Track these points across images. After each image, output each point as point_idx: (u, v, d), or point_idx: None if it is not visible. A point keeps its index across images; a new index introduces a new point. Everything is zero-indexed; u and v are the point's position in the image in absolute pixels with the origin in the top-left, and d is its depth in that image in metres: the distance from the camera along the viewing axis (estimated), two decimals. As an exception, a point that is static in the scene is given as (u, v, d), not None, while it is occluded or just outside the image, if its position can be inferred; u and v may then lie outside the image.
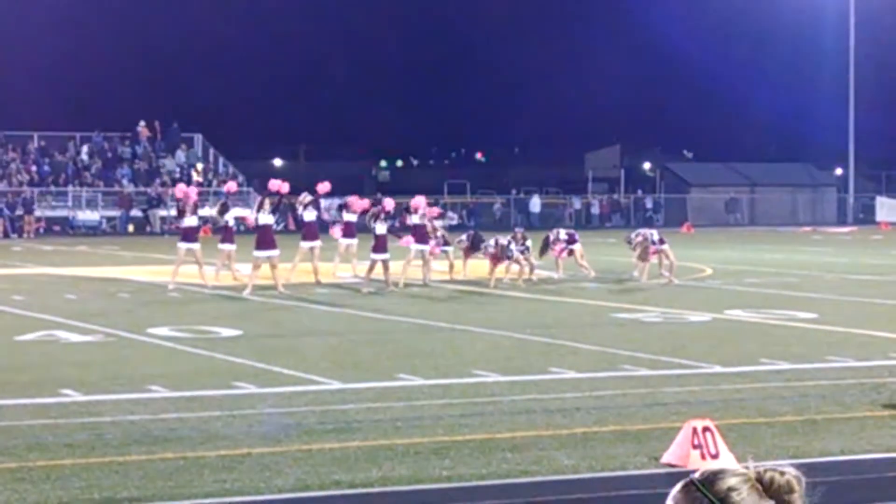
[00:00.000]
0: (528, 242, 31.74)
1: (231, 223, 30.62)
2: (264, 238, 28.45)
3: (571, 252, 32.96)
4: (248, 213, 30.04)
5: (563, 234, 33.56)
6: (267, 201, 29.16)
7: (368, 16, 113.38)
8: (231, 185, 33.93)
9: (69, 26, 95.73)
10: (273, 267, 28.47)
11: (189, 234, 29.81)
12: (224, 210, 30.84)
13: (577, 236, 33.67)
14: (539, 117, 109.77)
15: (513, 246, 30.62)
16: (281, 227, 30.95)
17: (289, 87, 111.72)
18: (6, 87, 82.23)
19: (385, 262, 28.90)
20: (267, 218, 28.80)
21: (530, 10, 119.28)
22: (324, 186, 32.78)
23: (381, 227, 29.15)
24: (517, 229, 32.48)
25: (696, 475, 3.09)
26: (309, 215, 32.16)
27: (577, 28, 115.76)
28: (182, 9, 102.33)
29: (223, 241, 30.34)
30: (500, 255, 30.40)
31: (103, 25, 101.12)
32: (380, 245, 28.94)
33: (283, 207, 36.35)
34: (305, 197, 32.68)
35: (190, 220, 29.98)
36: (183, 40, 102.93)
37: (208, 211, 32.10)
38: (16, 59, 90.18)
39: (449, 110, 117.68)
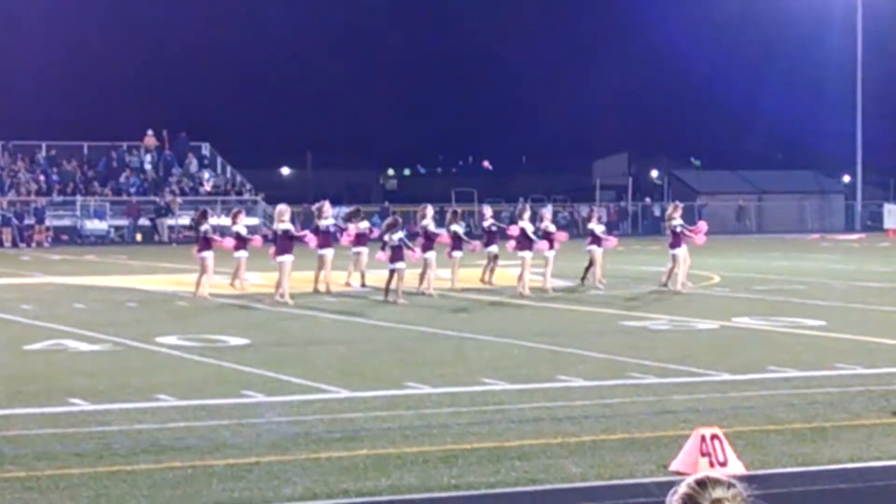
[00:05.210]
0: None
1: (244, 233, 31.35)
2: (286, 244, 28.77)
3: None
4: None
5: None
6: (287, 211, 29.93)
7: (375, 25, 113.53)
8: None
9: (77, 36, 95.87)
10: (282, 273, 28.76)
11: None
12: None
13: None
14: (546, 125, 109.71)
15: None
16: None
17: (296, 95, 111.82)
18: (14, 96, 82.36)
19: (401, 273, 28.81)
20: (287, 225, 29.46)
21: (537, 19, 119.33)
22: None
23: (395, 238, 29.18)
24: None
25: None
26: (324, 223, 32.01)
27: (585, 36, 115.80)
28: (189, 18, 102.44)
29: (237, 248, 30.89)
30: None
31: (111, 35, 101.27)
32: (395, 255, 28.87)
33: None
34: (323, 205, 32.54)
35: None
36: (190, 50, 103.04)
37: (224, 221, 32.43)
38: (24, 69, 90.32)
39: (456, 118, 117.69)
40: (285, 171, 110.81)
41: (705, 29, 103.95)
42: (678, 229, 31.33)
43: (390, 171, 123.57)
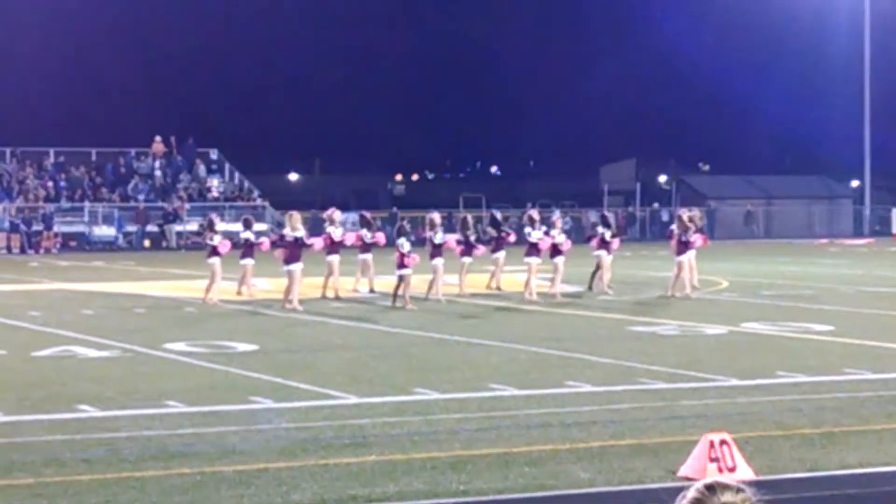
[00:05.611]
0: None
1: (252, 238, 31.35)
2: (296, 253, 28.72)
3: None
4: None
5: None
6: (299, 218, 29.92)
7: (383, 31, 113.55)
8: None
9: (85, 42, 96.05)
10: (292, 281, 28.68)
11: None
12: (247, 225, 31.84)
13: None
14: (554, 130, 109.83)
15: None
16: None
17: (304, 101, 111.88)
18: (22, 103, 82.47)
19: (407, 278, 28.76)
20: (300, 232, 29.46)
21: (545, 23, 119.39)
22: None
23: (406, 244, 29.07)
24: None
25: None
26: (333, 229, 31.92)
27: (593, 41, 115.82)
28: (197, 24, 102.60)
29: (243, 256, 30.88)
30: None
31: (119, 41, 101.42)
32: (403, 261, 28.81)
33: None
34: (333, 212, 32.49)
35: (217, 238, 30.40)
36: (198, 56, 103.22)
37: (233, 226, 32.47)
38: (31, 75, 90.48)
39: (464, 124, 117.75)
40: (293, 176, 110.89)
41: (713, 34, 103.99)
42: (688, 238, 31.26)
43: (398, 177, 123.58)
